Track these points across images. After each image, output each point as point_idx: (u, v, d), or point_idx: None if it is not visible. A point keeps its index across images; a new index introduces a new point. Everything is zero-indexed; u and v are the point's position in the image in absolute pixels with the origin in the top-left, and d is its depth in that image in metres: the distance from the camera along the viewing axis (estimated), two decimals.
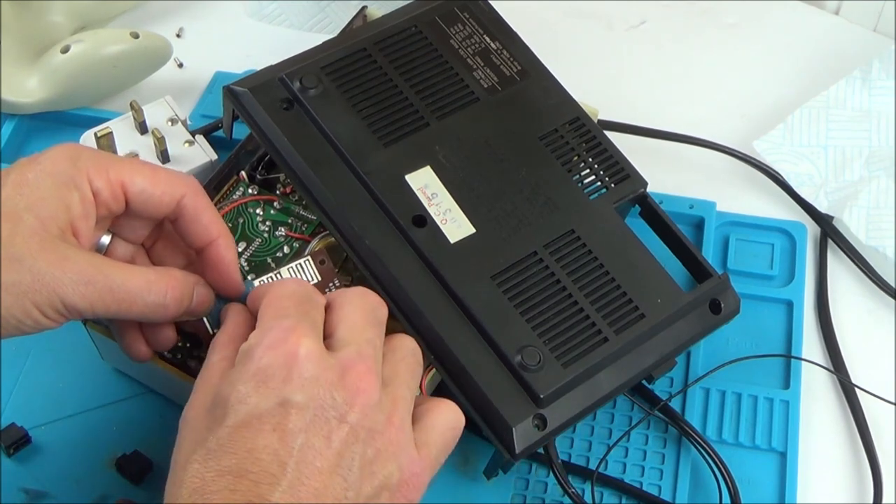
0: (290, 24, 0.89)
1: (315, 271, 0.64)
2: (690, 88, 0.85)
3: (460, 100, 0.68)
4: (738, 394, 0.69)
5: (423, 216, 0.63)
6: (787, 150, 0.79)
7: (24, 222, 0.52)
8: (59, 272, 0.52)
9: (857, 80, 0.81)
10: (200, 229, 0.57)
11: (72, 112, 0.82)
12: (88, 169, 0.54)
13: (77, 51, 0.79)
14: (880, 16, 0.87)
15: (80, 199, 0.54)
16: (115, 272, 0.53)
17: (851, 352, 0.71)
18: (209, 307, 0.58)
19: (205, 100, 0.84)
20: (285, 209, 0.70)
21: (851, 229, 0.74)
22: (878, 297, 0.74)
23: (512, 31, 0.72)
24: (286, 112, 0.65)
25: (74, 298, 0.52)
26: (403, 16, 0.71)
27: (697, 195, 0.77)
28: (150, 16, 0.89)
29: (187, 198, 0.57)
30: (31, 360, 0.70)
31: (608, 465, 0.66)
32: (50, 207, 0.53)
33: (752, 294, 0.72)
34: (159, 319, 0.56)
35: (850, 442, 0.68)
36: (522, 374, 0.59)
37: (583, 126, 0.69)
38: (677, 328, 0.64)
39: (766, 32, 0.88)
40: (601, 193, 0.67)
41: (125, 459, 0.65)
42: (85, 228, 0.54)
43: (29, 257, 0.51)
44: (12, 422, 0.66)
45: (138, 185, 0.56)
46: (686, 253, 0.67)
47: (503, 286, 0.62)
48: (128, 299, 0.53)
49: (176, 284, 0.55)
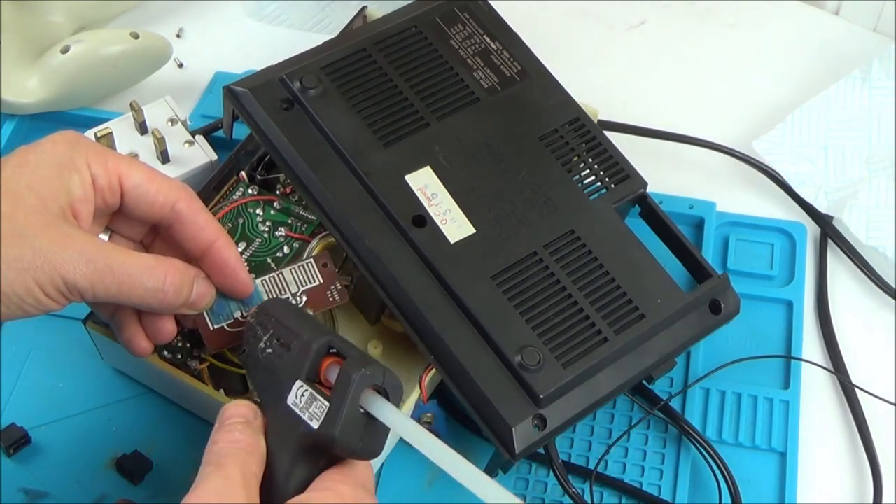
0: (290, 24, 0.89)
1: (318, 274, 0.64)
2: (690, 88, 0.85)
3: (460, 100, 0.68)
4: (738, 394, 0.69)
5: (423, 216, 0.63)
6: (786, 150, 0.79)
7: (25, 200, 0.52)
8: (60, 249, 0.52)
9: (857, 80, 0.81)
10: (198, 231, 0.57)
11: (72, 112, 0.82)
12: (88, 154, 0.55)
13: (77, 51, 0.79)
14: (880, 16, 0.87)
15: (80, 181, 0.54)
16: (116, 253, 0.54)
17: (851, 352, 0.71)
18: (209, 301, 0.58)
19: (205, 100, 0.84)
20: (285, 209, 0.70)
21: (851, 229, 0.74)
22: (878, 297, 0.74)
23: (512, 32, 0.72)
24: (286, 112, 0.65)
25: (75, 276, 0.52)
26: (403, 16, 0.71)
27: (697, 195, 0.77)
28: (150, 16, 0.89)
29: (183, 202, 0.57)
30: (31, 360, 0.70)
31: (608, 464, 0.66)
32: (50, 186, 0.53)
33: (752, 294, 0.72)
34: (159, 308, 0.56)
35: (850, 442, 0.68)
36: (522, 374, 0.59)
37: (583, 126, 0.69)
38: (677, 328, 0.64)
39: (766, 32, 0.88)
40: (601, 194, 0.67)
41: (125, 459, 0.65)
42: (85, 212, 0.55)
43: (31, 234, 0.51)
44: (12, 422, 0.67)
45: (135, 179, 0.56)
46: (686, 253, 0.67)
47: (503, 286, 0.62)
48: (127, 282, 0.54)
49: (175, 272, 0.56)
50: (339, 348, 0.52)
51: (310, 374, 0.52)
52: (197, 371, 0.64)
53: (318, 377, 0.52)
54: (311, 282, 0.63)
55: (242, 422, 0.52)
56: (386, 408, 0.50)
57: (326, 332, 0.53)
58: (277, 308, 0.56)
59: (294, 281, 0.63)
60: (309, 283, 0.63)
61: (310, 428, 0.50)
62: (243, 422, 0.52)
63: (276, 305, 0.56)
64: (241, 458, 0.50)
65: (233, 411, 0.53)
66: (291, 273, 0.63)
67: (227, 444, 0.51)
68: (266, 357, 0.54)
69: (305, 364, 0.52)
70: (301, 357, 0.52)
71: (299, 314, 0.55)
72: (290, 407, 0.51)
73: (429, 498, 0.65)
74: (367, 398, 0.51)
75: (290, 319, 0.54)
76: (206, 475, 0.49)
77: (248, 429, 0.52)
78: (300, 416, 0.51)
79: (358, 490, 0.50)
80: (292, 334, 0.53)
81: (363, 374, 0.50)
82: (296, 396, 0.51)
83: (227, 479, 0.49)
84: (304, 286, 0.63)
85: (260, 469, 0.51)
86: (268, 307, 0.56)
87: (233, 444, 0.51)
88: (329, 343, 0.52)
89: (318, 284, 0.63)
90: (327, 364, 0.52)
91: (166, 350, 0.64)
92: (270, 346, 0.54)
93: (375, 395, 0.51)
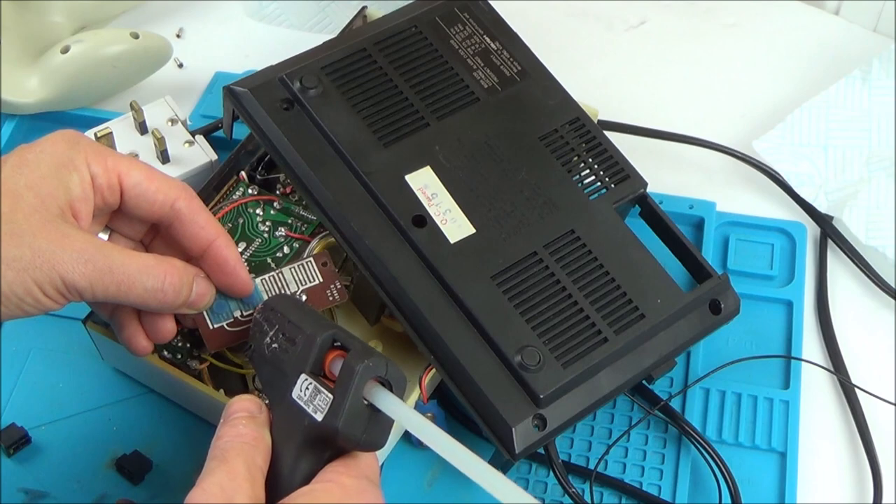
0: (290, 24, 0.89)
1: (317, 273, 0.64)
2: (690, 88, 0.85)
3: (460, 100, 0.68)
4: (738, 394, 0.69)
5: (423, 216, 0.63)
6: (786, 150, 0.79)
7: (24, 200, 0.52)
8: (59, 249, 0.52)
9: (857, 80, 0.81)
10: (198, 230, 0.57)
11: (72, 112, 0.82)
12: (87, 153, 0.55)
13: (77, 51, 0.79)
14: (880, 16, 0.87)
15: (79, 180, 0.54)
16: (115, 253, 0.54)
17: (851, 352, 0.71)
18: (209, 300, 0.58)
19: (205, 100, 0.84)
20: (285, 209, 0.70)
21: (851, 229, 0.74)
22: (878, 297, 0.74)
23: (512, 32, 0.72)
24: (286, 112, 0.65)
25: (74, 276, 0.52)
26: (403, 16, 0.71)
27: (697, 195, 0.77)
28: (150, 16, 0.89)
29: (182, 200, 0.57)
30: (31, 360, 0.70)
31: (608, 464, 0.66)
32: (49, 186, 0.53)
33: (752, 294, 0.72)
34: (158, 307, 0.56)
35: (850, 442, 0.68)
36: (522, 374, 0.59)
37: (583, 126, 0.69)
38: (677, 328, 0.64)
39: (766, 32, 0.88)
40: (601, 194, 0.67)
41: (125, 459, 0.65)
42: (84, 212, 0.55)
43: (29, 234, 0.51)
44: (12, 422, 0.67)
45: (134, 178, 0.56)
46: (686, 253, 0.67)
47: (503, 286, 0.62)
48: (126, 281, 0.53)
49: (174, 271, 0.56)
50: (343, 341, 0.52)
51: (314, 368, 0.52)
52: (197, 371, 0.64)
53: (322, 370, 0.52)
54: (310, 281, 0.63)
55: (247, 416, 0.52)
56: (389, 399, 0.50)
57: (331, 326, 0.53)
58: (282, 303, 0.56)
59: (294, 280, 0.63)
60: (309, 282, 0.63)
61: (314, 420, 0.50)
62: (248, 416, 0.52)
63: (281, 301, 0.56)
64: (246, 451, 0.50)
65: (238, 406, 0.53)
66: (291, 272, 0.63)
67: (232, 438, 0.51)
68: (272, 352, 0.54)
69: (310, 357, 0.52)
70: (305, 351, 0.52)
71: (304, 309, 0.56)
72: (295, 400, 0.51)
73: (429, 498, 0.65)
74: (371, 390, 0.51)
75: (295, 314, 0.54)
76: (210, 469, 0.49)
77: (252, 423, 0.52)
78: (304, 408, 0.51)
79: (362, 481, 0.50)
80: (296, 329, 0.53)
81: (366, 366, 0.50)
82: (300, 390, 0.52)
83: (231, 473, 0.49)
84: (303, 285, 0.63)
85: (265, 462, 0.51)
86: (273, 303, 0.56)
87: (237, 437, 0.51)
88: (333, 336, 0.53)
89: (317, 283, 0.63)
90: (332, 357, 0.52)
91: (166, 350, 0.65)
92: (276, 342, 0.54)
93: (379, 386, 0.51)
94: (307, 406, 0.51)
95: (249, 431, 0.51)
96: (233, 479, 0.49)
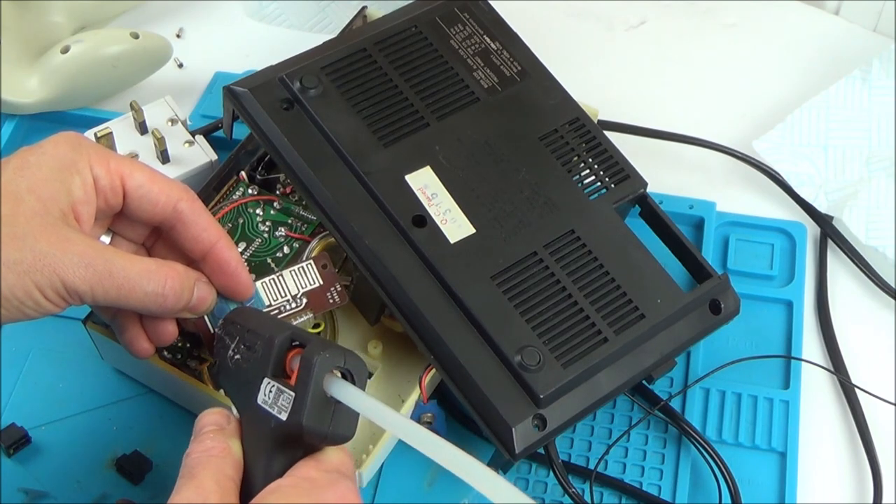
0: (290, 24, 0.89)
1: (317, 276, 0.64)
2: (690, 88, 0.85)
3: (460, 100, 0.68)
4: (738, 394, 0.69)
5: (423, 216, 0.63)
6: (786, 150, 0.79)
7: (26, 203, 0.52)
8: (60, 252, 0.52)
9: (857, 80, 0.81)
10: (200, 232, 0.57)
11: (72, 112, 0.82)
12: (90, 155, 0.55)
13: (77, 51, 0.79)
14: (880, 16, 0.87)
15: (82, 183, 0.54)
16: (116, 257, 0.53)
17: (851, 352, 0.71)
18: (210, 305, 0.58)
19: (205, 100, 0.84)
20: (285, 209, 0.70)
21: (851, 229, 0.74)
22: (878, 297, 0.74)
23: (512, 32, 0.72)
24: (286, 112, 0.65)
25: (75, 280, 0.52)
26: (403, 16, 0.71)
27: (697, 195, 0.77)
28: (150, 16, 0.89)
29: (184, 202, 0.57)
30: (31, 360, 0.70)
31: (608, 464, 0.66)
32: (51, 189, 0.53)
33: (752, 294, 0.72)
34: (159, 311, 0.56)
35: (850, 442, 0.68)
36: (522, 374, 0.59)
37: (583, 126, 0.69)
38: (677, 328, 0.64)
39: (766, 32, 0.88)
40: (601, 194, 0.67)
41: (125, 459, 0.65)
42: (86, 215, 0.55)
43: (30, 237, 0.51)
44: (12, 422, 0.67)
45: (137, 180, 0.56)
46: (686, 253, 0.67)
47: (503, 286, 0.62)
48: (127, 285, 0.53)
49: (175, 276, 0.55)
50: (302, 339, 0.52)
51: (276, 370, 0.52)
52: (197, 371, 0.64)
53: (285, 371, 0.52)
54: (310, 284, 0.63)
55: (215, 429, 0.52)
56: (348, 389, 0.50)
57: (288, 328, 0.53)
58: (240, 315, 0.56)
59: (294, 283, 0.63)
60: (309, 285, 0.63)
61: (279, 420, 0.50)
62: (216, 429, 0.52)
63: (239, 313, 0.56)
64: (214, 464, 0.50)
65: (206, 420, 0.53)
66: (291, 275, 0.63)
67: (200, 453, 0.51)
68: (235, 364, 0.54)
69: (270, 360, 0.52)
70: (266, 355, 0.52)
71: (261, 316, 0.56)
72: (260, 406, 0.51)
73: (429, 498, 0.65)
74: (330, 382, 0.50)
75: (253, 322, 0.54)
76: (179, 487, 0.49)
77: (220, 435, 0.52)
78: (270, 411, 0.51)
79: (332, 475, 0.50)
80: (255, 336, 0.53)
81: (324, 358, 0.50)
82: (265, 394, 0.51)
83: (200, 489, 0.49)
84: (304, 288, 0.63)
85: (236, 472, 0.51)
86: (232, 316, 0.56)
87: (204, 452, 0.51)
88: (291, 336, 0.52)
89: (318, 286, 0.63)
90: (291, 356, 0.52)
91: (166, 350, 0.65)
92: (238, 353, 0.54)
93: (338, 378, 0.51)
94: (272, 408, 0.51)
95: (217, 444, 0.51)
96: (201, 495, 0.49)
